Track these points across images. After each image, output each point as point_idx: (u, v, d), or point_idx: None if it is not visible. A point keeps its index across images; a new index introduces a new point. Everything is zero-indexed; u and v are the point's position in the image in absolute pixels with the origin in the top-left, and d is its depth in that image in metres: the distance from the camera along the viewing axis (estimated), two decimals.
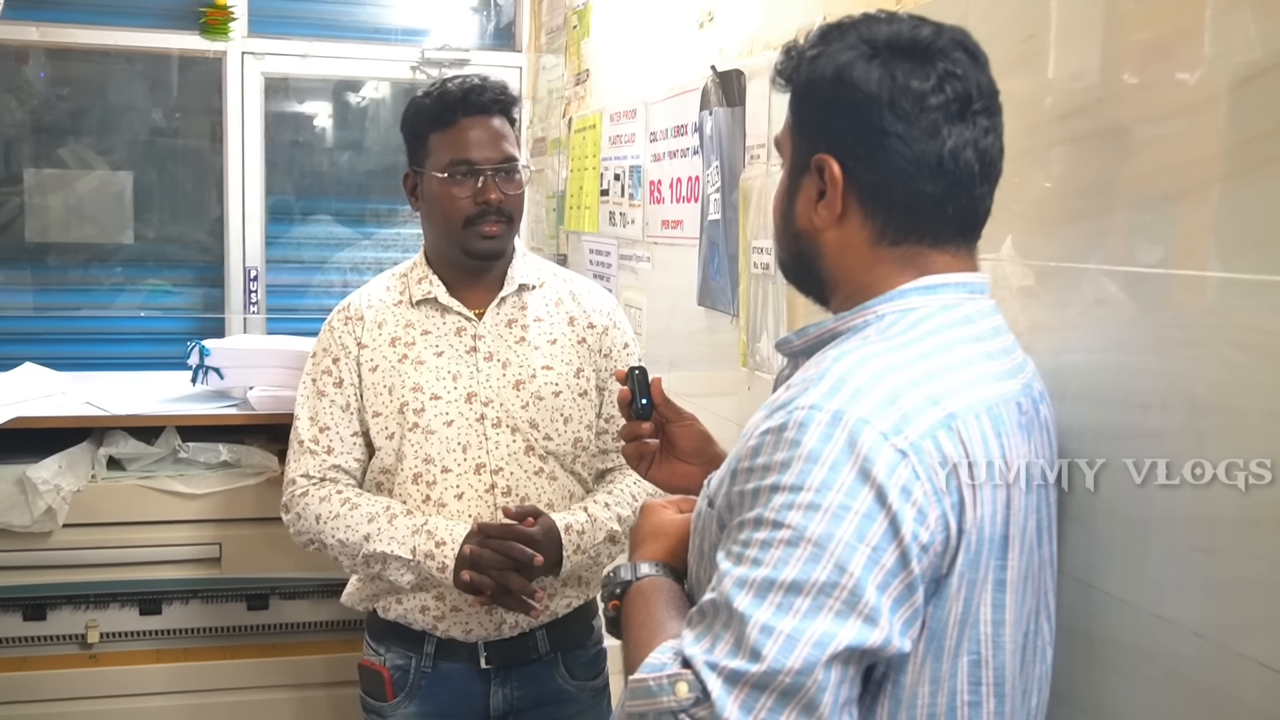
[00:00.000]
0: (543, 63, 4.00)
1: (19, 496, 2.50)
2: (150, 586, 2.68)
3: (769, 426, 1.08)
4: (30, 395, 2.69)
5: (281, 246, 4.09)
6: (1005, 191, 1.28)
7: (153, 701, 2.71)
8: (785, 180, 1.26)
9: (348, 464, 2.10)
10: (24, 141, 3.87)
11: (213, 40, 3.86)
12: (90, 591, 2.66)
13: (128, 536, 2.64)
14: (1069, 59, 1.47)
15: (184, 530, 2.67)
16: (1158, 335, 1.24)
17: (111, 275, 3.94)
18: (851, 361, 1.10)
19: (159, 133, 4.03)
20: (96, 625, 2.66)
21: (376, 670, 2.10)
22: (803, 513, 1.02)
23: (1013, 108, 1.27)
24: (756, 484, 1.06)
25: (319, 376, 2.12)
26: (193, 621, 2.73)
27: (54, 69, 3.93)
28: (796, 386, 1.11)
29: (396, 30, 4.15)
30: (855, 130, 1.17)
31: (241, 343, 2.81)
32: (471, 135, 2.07)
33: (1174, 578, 1.19)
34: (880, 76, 1.16)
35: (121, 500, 2.63)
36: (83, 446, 2.64)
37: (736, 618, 1.01)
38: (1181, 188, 1.23)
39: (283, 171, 4.12)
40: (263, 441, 2.75)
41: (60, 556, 2.60)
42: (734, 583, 1.03)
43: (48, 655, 2.66)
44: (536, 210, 4.02)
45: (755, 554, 1.03)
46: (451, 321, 2.11)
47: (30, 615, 2.64)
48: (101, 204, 3.91)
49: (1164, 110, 1.26)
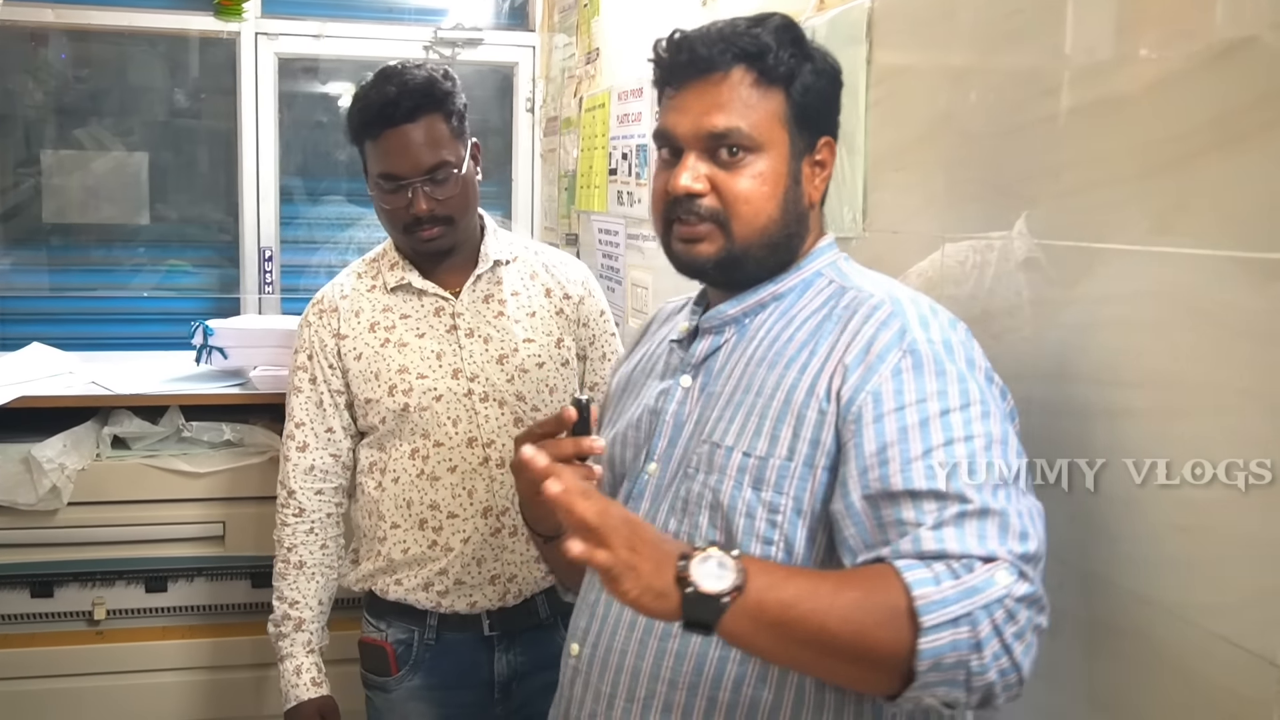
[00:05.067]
0: (555, 41, 3.98)
1: (24, 475, 2.53)
2: (155, 564, 2.71)
3: (895, 367, 1.20)
4: (36, 375, 2.72)
5: (296, 227, 4.10)
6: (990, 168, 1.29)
7: (159, 678, 2.75)
8: (777, 167, 1.34)
9: (322, 460, 2.15)
10: (42, 123, 3.88)
11: (226, 21, 3.86)
12: (97, 569, 2.69)
13: (132, 515, 2.67)
14: (1055, 32, 1.45)
15: (188, 509, 2.69)
16: (1161, 314, 1.23)
17: (127, 256, 3.95)
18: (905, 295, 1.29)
19: (175, 114, 4.04)
20: (103, 602, 2.70)
21: (379, 645, 2.13)
22: (980, 421, 1.16)
23: (1003, 83, 1.30)
24: (923, 415, 1.16)
25: (296, 372, 2.17)
26: (198, 599, 2.76)
27: (73, 50, 3.95)
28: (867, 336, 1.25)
29: (411, 10, 4.14)
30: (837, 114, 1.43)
31: (245, 323, 2.83)
32: (393, 147, 2.04)
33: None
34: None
35: (126, 479, 2.65)
36: (87, 426, 2.67)
37: (993, 512, 1.10)
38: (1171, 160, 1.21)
39: (298, 152, 4.13)
40: (266, 421, 2.77)
41: (66, 534, 2.63)
42: (971, 489, 1.11)
43: (55, 632, 2.70)
44: (549, 190, 4.01)
45: (969, 461, 1.14)
46: (429, 303, 2.13)
47: (38, 592, 2.67)
48: (118, 185, 3.93)
49: (1156, 81, 1.25)
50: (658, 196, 1.37)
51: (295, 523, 2.15)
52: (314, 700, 2.12)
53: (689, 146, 1.33)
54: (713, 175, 1.32)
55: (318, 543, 2.16)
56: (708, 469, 1.30)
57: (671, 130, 1.34)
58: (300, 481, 2.14)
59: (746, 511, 1.26)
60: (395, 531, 2.10)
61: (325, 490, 2.16)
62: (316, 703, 2.13)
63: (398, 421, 2.09)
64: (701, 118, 1.31)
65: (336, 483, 2.17)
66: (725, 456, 1.28)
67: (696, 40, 1.33)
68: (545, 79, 4.13)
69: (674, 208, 1.34)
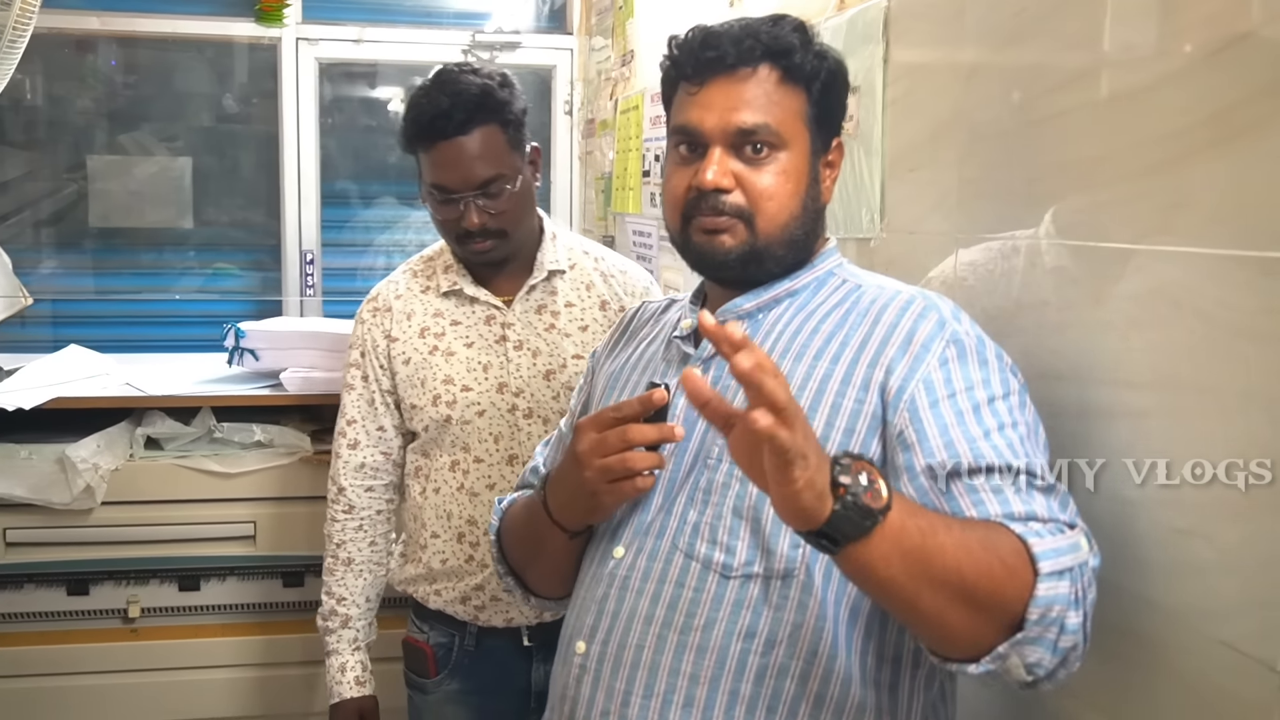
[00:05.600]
0: (592, 44, 3.98)
1: (59, 475, 2.57)
2: (188, 563, 2.74)
3: (942, 356, 1.24)
4: (72, 376, 2.77)
5: (339, 230, 4.14)
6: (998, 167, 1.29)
7: (192, 675, 2.78)
8: (800, 165, 1.35)
9: (372, 458, 2.15)
10: (88, 129, 3.96)
11: (268, 26, 3.91)
12: (131, 567, 2.72)
13: (165, 514, 2.71)
14: (1062, 28, 1.44)
15: (219, 508, 2.73)
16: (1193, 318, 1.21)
17: (171, 259, 4.01)
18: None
19: (218, 119, 4.10)
20: (137, 600, 2.73)
21: (420, 647, 2.14)
22: (1020, 410, 1.22)
23: (1009, 81, 1.31)
24: (974, 401, 1.20)
25: (349, 368, 2.17)
26: (230, 598, 2.79)
27: (119, 57, 4.02)
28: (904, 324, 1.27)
29: (450, 14, 4.16)
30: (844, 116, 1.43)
31: (275, 325, 2.86)
32: (446, 160, 1.99)
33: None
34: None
35: (158, 479, 2.69)
36: (121, 426, 2.71)
37: (1057, 488, 1.16)
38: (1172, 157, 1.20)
39: (344, 155, 4.17)
40: (296, 421, 2.79)
41: (101, 533, 2.67)
42: (1036, 466, 1.16)
43: (91, 629, 2.74)
44: (586, 192, 4.01)
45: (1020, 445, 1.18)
46: (480, 311, 2.11)
47: (74, 590, 2.71)
48: (162, 189, 3.99)
49: (1155, 78, 1.24)
50: (676, 192, 1.36)
51: (344, 519, 2.15)
52: (355, 700, 2.14)
53: (715, 142, 1.32)
54: (738, 172, 1.32)
55: (366, 540, 2.16)
56: (731, 459, 1.24)
57: (696, 125, 1.33)
58: (350, 478, 2.14)
59: None
60: (435, 541, 2.11)
61: (375, 488, 2.16)
62: (357, 702, 2.14)
63: (439, 431, 2.08)
64: (729, 114, 1.31)
65: (387, 480, 2.17)
66: None
67: (724, 36, 1.32)
68: (583, 81, 4.14)
69: (696, 203, 1.33)
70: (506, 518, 1.56)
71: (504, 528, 1.56)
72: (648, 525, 1.34)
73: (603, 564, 1.36)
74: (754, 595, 1.24)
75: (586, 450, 1.30)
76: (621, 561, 1.34)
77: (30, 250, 3.84)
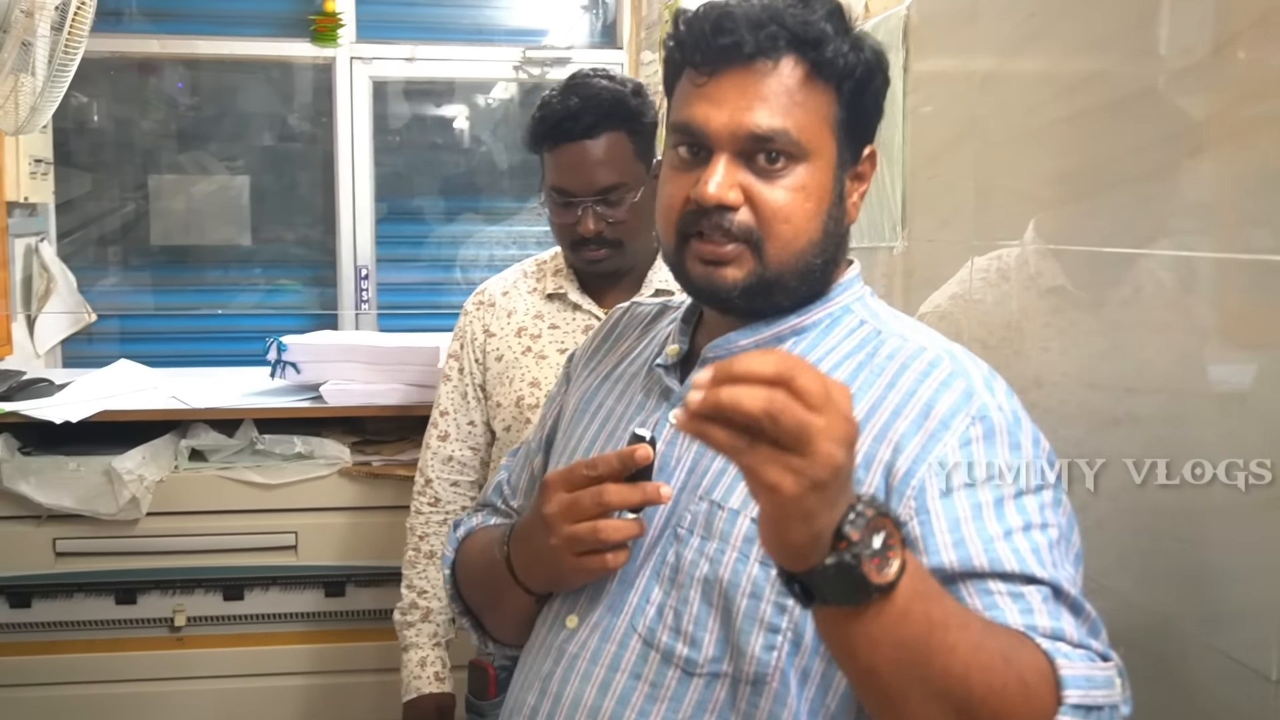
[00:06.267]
0: (642, 58, 4.00)
1: (106, 486, 2.63)
2: (232, 573, 2.78)
3: (964, 436, 1.03)
4: (120, 390, 2.83)
5: (394, 245, 4.19)
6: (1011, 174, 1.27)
7: (236, 684, 2.82)
8: (822, 181, 1.11)
9: (461, 452, 2.14)
10: (149, 149, 4.06)
11: (323, 46, 3.98)
12: (177, 577, 2.77)
13: (209, 524, 2.75)
14: (1070, 34, 1.43)
15: (261, 519, 2.77)
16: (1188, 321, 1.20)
17: (229, 276, 4.10)
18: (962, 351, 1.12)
19: (276, 138, 4.18)
20: (183, 609, 2.78)
21: (483, 667, 2.11)
22: (1053, 509, 1.02)
23: (1019, 87, 1.29)
24: (998, 494, 1.01)
25: (448, 359, 2.18)
26: (273, 607, 2.83)
27: (184, 79, 4.12)
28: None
29: (502, 31, 4.20)
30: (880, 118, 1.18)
31: (316, 339, 2.90)
32: (568, 162, 1.96)
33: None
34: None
35: (202, 490, 2.74)
36: (166, 438, 2.77)
37: (1087, 611, 0.97)
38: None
39: (406, 172, 4.23)
40: (337, 434, 2.83)
41: (147, 543, 2.72)
42: (1064, 579, 0.97)
43: (138, 638, 2.78)
44: None
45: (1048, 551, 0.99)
46: (580, 319, 2.09)
47: (122, 599, 2.77)
48: (220, 207, 4.08)
49: (1162, 80, 1.23)
50: (672, 203, 1.13)
51: (429, 512, 2.15)
52: (434, 695, 2.11)
53: (720, 147, 1.09)
54: (747, 185, 1.09)
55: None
56: (705, 533, 1.09)
57: (700, 125, 1.09)
58: (438, 470, 2.14)
59: (752, 591, 1.05)
60: None
61: (461, 483, 2.15)
62: (436, 698, 2.11)
63: (517, 435, 2.06)
64: (742, 113, 1.07)
65: (473, 477, 2.16)
66: (729, 521, 1.08)
67: (741, 19, 1.07)
68: None
69: (694, 220, 1.11)
70: (464, 551, 1.37)
71: (460, 561, 1.37)
72: (604, 597, 1.15)
73: (554, 631, 1.18)
74: (720, 699, 1.06)
75: (555, 514, 1.10)
76: (574, 635, 1.15)
77: (94, 268, 3.94)
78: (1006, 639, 0.90)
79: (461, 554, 1.37)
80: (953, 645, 0.85)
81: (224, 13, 4.00)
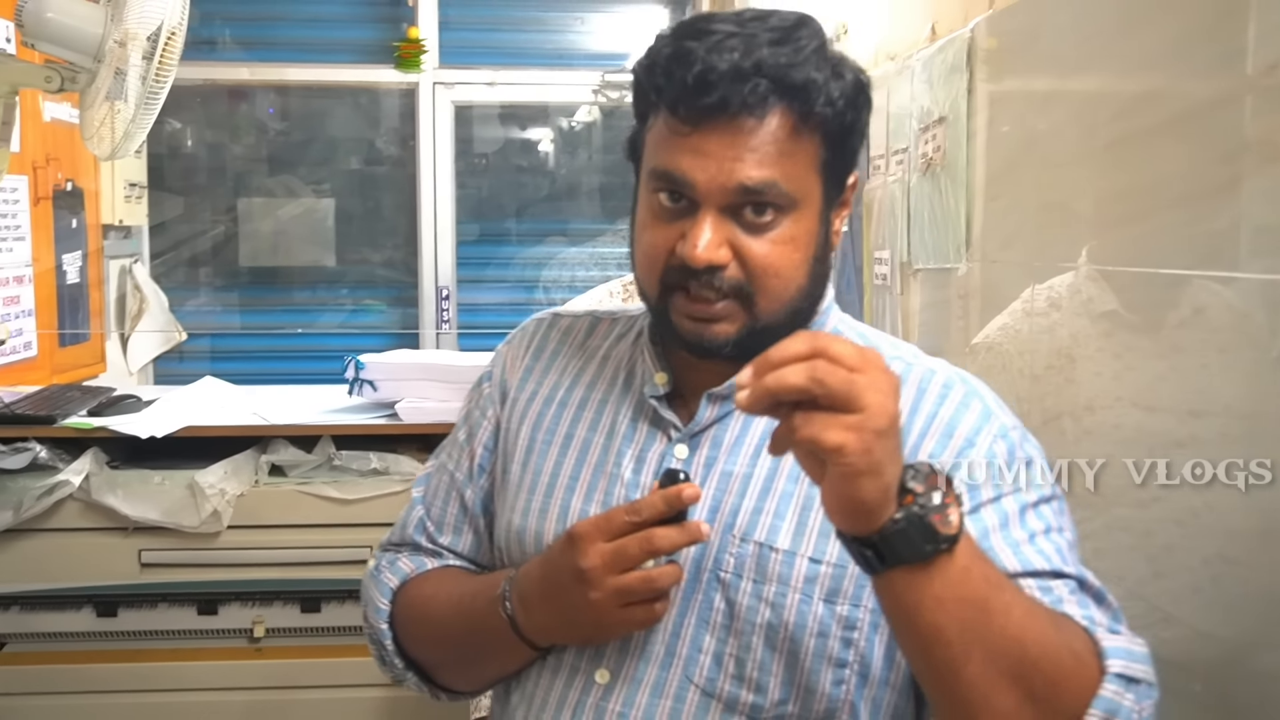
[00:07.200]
0: None
1: (189, 499, 2.71)
2: (310, 585, 2.84)
3: (989, 451, 1.08)
4: (204, 406, 2.91)
5: (477, 266, 4.26)
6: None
7: (313, 694, 2.87)
8: (810, 227, 1.08)
9: None
10: (239, 173, 4.19)
11: (406, 72, 4.07)
12: (256, 589, 2.83)
13: (287, 538, 2.81)
14: (1128, 53, 1.42)
15: (338, 533, 2.82)
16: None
17: (315, 296, 4.20)
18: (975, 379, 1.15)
19: (361, 161, 4.29)
20: (262, 621, 2.84)
21: None
22: (1065, 515, 1.08)
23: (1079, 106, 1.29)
24: (1021, 503, 1.06)
25: None
26: (349, 620, 2.87)
27: (275, 105, 4.25)
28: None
29: (582, 55, 4.26)
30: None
31: (393, 357, 2.95)
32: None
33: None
34: None
35: (281, 504, 2.80)
36: (247, 454, 2.84)
37: (1108, 599, 1.01)
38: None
39: (491, 194, 4.31)
40: (413, 450, 2.87)
41: (228, 555, 2.79)
42: (1088, 574, 1.02)
43: (218, 648, 2.85)
44: None
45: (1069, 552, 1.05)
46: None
47: (203, 610, 2.83)
48: (306, 229, 4.19)
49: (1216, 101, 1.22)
50: (654, 254, 1.09)
51: None
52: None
53: (707, 202, 1.04)
54: (734, 240, 1.05)
55: None
56: (758, 576, 1.07)
57: (686, 176, 1.04)
58: None
59: (819, 630, 1.06)
60: None
61: None
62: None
63: None
64: (730, 165, 1.02)
65: None
66: (785, 563, 1.07)
67: (725, 75, 1.00)
68: None
69: (680, 275, 1.07)
70: (409, 606, 1.26)
71: (404, 617, 1.26)
72: (637, 649, 1.10)
73: (580, 689, 1.12)
74: None
75: (597, 566, 1.03)
76: (613, 692, 1.10)
77: (184, 288, 4.07)
78: (1050, 611, 0.94)
79: (404, 609, 1.26)
80: (1008, 605, 0.88)
81: (312, 40, 4.13)
